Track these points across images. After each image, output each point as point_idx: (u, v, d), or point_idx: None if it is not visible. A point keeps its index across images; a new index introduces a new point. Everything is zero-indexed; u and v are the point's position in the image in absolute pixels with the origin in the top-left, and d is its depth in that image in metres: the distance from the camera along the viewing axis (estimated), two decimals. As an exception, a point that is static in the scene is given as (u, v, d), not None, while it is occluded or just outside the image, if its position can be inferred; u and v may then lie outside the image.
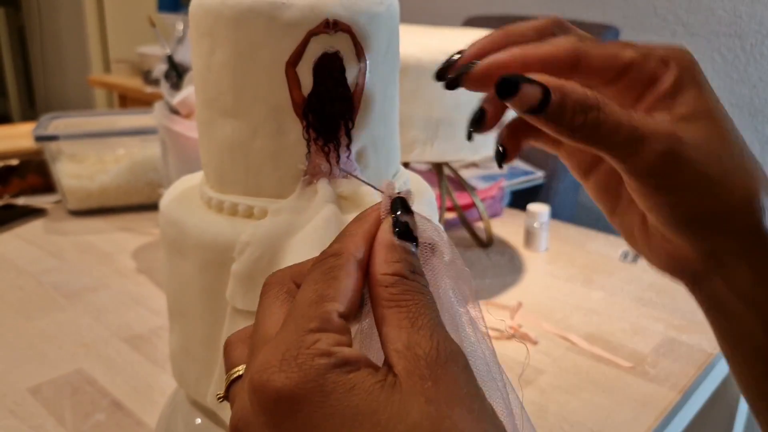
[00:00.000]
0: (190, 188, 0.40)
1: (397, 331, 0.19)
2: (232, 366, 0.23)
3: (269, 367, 0.19)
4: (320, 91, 0.33)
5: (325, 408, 0.18)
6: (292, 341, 0.19)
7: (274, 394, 0.19)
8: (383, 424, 0.18)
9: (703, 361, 0.60)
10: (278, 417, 0.19)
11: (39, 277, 0.74)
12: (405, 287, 0.20)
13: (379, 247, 0.21)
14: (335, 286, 0.20)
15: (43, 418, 0.50)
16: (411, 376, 0.18)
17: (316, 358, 0.19)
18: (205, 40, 0.34)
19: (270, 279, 0.23)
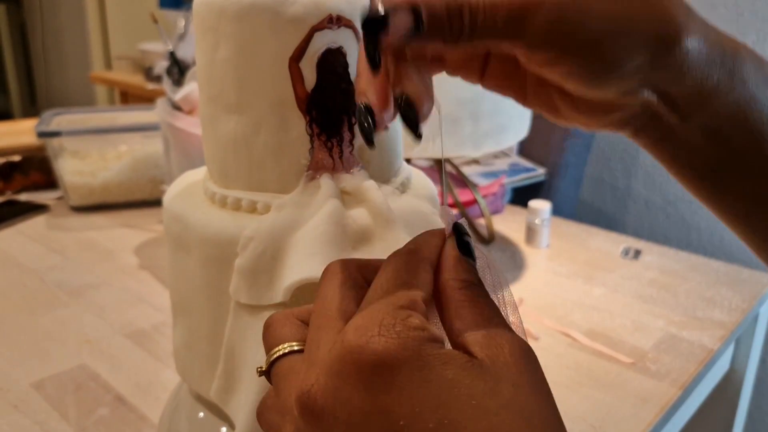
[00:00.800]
0: (194, 184, 0.40)
1: (474, 325, 0.21)
2: (278, 342, 0.23)
3: (367, 332, 0.20)
4: (323, 86, 0.33)
5: (423, 376, 0.19)
6: (387, 313, 0.20)
7: (374, 357, 0.19)
8: (477, 398, 0.19)
9: (703, 358, 0.61)
10: (374, 381, 0.19)
11: (42, 273, 0.74)
12: (475, 292, 0.22)
13: (448, 258, 0.23)
14: (417, 276, 0.22)
15: (46, 413, 0.51)
16: (496, 362, 0.20)
17: (413, 331, 0.20)
18: (208, 35, 0.34)
19: (335, 265, 0.24)
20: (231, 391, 0.36)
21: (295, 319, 0.24)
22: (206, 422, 0.41)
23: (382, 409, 0.19)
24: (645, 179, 1.42)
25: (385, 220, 0.33)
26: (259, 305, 0.34)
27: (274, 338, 0.24)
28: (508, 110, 0.69)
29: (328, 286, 0.23)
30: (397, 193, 0.37)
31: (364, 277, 0.24)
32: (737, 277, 0.77)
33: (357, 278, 0.24)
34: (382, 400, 0.19)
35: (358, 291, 0.23)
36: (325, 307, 0.22)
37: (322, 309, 0.22)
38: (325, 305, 0.22)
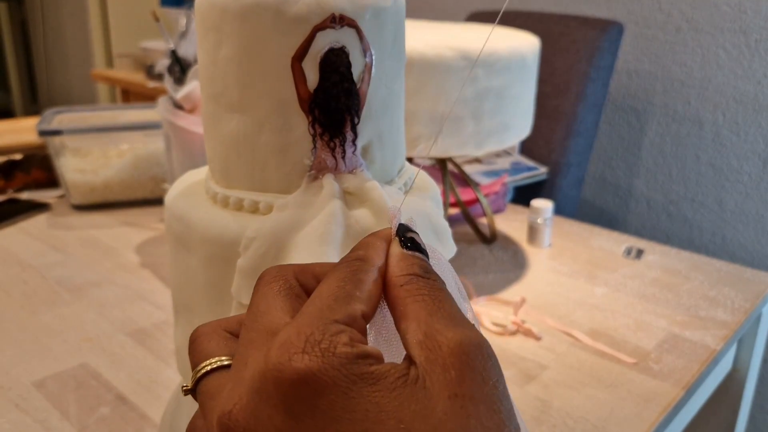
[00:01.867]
0: (196, 183, 0.40)
1: (416, 323, 0.19)
2: (204, 357, 0.21)
3: (291, 348, 0.18)
4: (326, 86, 0.33)
5: (347, 400, 0.17)
6: (317, 327, 0.19)
7: (295, 376, 0.18)
8: (407, 422, 0.17)
9: (706, 357, 0.60)
10: (296, 401, 0.18)
11: (43, 271, 0.74)
12: (420, 284, 0.20)
13: (392, 258, 0.22)
14: (362, 288, 0.21)
15: (47, 411, 0.51)
16: (434, 366, 0.18)
17: (341, 347, 0.18)
18: (211, 34, 0.34)
19: (270, 273, 0.22)
20: (233, 391, 0.36)
21: (223, 331, 0.22)
22: (208, 422, 0.41)
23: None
24: (647, 179, 1.42)
25: (388, 221, 0.33)
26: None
27: (199, 353, 0.22)
28: (510, 109, 0.69)
29: (260, 296, 0.21)
30: (399, 194, 0.37)
31: (302, 285, 0.22)
32: (740, 276, 0.77)
33: (294, 286, 0.22)
34: (305, 425, 0.17)
35: (294, 301, 0.21)
36: (256, 320, 0.20)
37: (253, 322, 0.21)
38: (256, 317, 0.21)
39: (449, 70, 0.63)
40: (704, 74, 1.30)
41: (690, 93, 1.33)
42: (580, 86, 1.19)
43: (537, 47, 0.72)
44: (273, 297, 0.21)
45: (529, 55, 0.69)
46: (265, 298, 0.21)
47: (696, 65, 1.31)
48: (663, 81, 1.36)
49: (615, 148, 1.45)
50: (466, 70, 0.64)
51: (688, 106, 1.34)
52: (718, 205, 1.32)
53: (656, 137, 1.39)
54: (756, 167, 1.26)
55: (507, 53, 0.66)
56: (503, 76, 0.66)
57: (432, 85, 0.63)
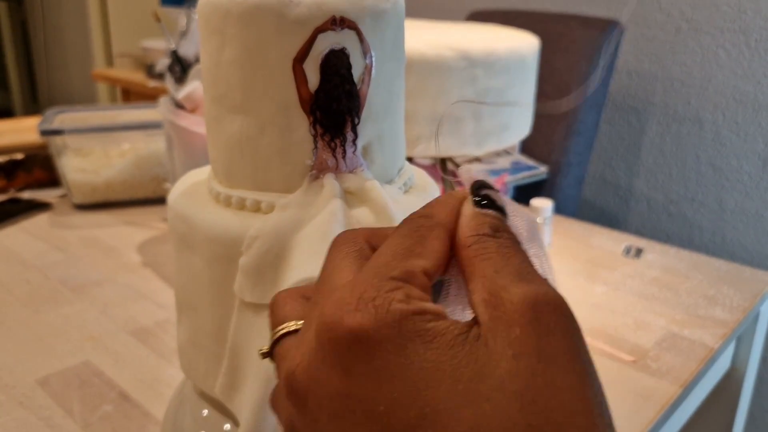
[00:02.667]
0: (198, 183, 0.41)
1: (482, 281, 0.18)
2: (281, 321, 0.21)
3: (344, 306, 0.18)
4: (327, 87, 0.33)
5: (402, 358, 0.17)
6: (371, 284, 0.18)
7: (348, 334, 0.17)
8: (465, 382, 0.16)
9: (704, 356, 0.61)
10: (350, 360, 0.17)
11: (45, 270, 0.75)
12: (488, 243, 0.19)
13: (463, 218, 0.20)
14: (423, 244, 0.20)
15: (51, 409, 0.51)
16: (497, 324, 0.17)
17: (395, 303, 0.17)
18: (214, 37, 0.35)
19: (342, 236, 0.22)
20: (235, 388, 0.36)
21: (299, 296, 0.22)
22: (210, 419, 0.41)
23: (360, 391, 0.17)
24: (647, 178, 1.42)
25: (388, 220, 0.33)
26: (264, 304, 0.34)
27: (276, 318, 0.22)
28: (510, 109, 0.69)
29: (331, 259, 0.21)
30: (399, 193, 0.38)
31: (373, 248, 0.21)
32: (739, 275, 0.77)
33: (363, 249, 0.21)
34: (358, 383, 0.17)
35: (363, 263, 0.20)
36: (326, 281, 0.20)
37: (320, 285, 0.20)
38: (326, 278, 0.20)
39: (449, 70, 0.63)
40: (704, 74, 1.31)
41: (690, 93, 1.33)
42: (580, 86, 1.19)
43: (536, 47, 0.72)
44: (341, 259, 0.21)
45: (528, 56, 0.69)
46: (333, 261, 0.21)
47: (696, 65, 1.31)
48: (663, 81, 1.36)
49: (615, 147, 1.46)
50: (466, 70, 0.64)
51: (688, 105, 1.34)
52: (718, 204, 1.33)
53: (656, 137, 1.39)
54: (756, 167, 1.27)
55: (506, 53, 0.66)
56: (503, 76, 0.66)
57: (432, 86, 0.64)
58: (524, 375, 0.15)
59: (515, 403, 0.15)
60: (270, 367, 0.34)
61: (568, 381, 0.16)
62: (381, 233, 0.22)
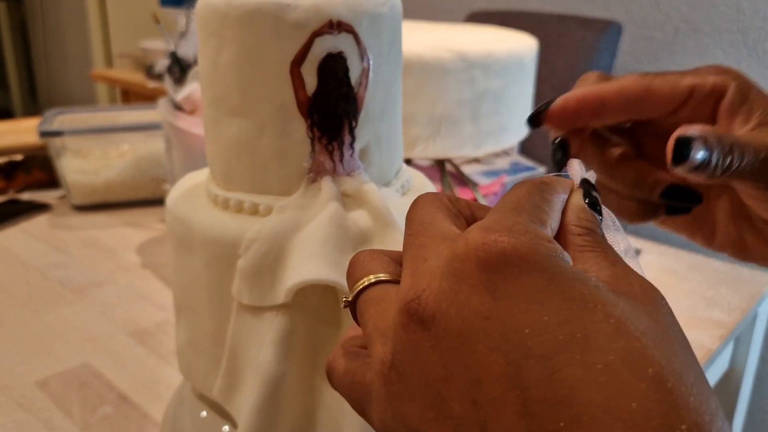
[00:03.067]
0: (196, 185, 0.41)
1: (598, 267, 0.19)
2: (365, 273, 0.21)
3: (495, 232, 0.18)
4: (324, 90, 0.34)
5: (553, 284, 0.17)
6: (517, 222, 0.18)
7: (501, 256, 0.17)
8: (616, 317, 0.16)
9: (702, 357, 0.61)
10: (499, 282, 0.17)
11: (45, 271, 0.75)
12: (597, 239, 0.20)
13: (573, 206, 0.21)
14: (549, 204, 0.20)
15: (50, 411, 0.51)
16: (628, 297, 0.17)
17: (545, 242, 0.18)
18: (211, 40, 0.35)
19: (424, 196, 0.22)
20: (234, 390, 0.37)
21: (384, 255, 0.22)
22: (209, 421, 0.41)
23: (504, 313, 0.17)
24: (645, 178, 1.42)
25: (385, 222, 0.34)
26: (261, 306, 0.34)
27: (361, 270, 0.22)
28: (508, 110, 0.69)
29: (421, 211, 0.21)
30: (397, 195, 0.38)
31: (458, 209, 0.22)
32: (737, 276, 0.77)
33: (451, 207, 0.22)
34: (505, 305, 0.17)
35: (455, 218, 0.21)
36: (426, 229, 0.20)
37: (421, 231, 0.20)
38: (425, 227, 0.20)
39: (447, 72, 0.64)
40: (702, 74, 1.31)
41: (688, 93, 1.33)
42: (578, 86, 1.19)
43: (535, 48, 0.72)
44: (436, 210, 0.21)
45: (526, 57, 0.69)
46: (429, 211, 0.21)
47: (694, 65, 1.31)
48: (661, 81, 1.36)
49: (614, 147, 1.46)
50: (465, 72, 0.64)
51: (686, 106, 1.34)
52: (716, 204, 1.33)
53: (655, 137, 1.39)
54: (754, 167, 1.27)
55: (505, 55, 0.66)
56: (501, 77, 0.66)
57: (430, 87, 0.64)
58: (662, 338, 0.17)
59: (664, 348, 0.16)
60: (269, 368, 0.34)
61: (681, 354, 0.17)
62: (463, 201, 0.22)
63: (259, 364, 0.34)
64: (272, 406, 0.34)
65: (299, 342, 0.35)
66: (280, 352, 0.34)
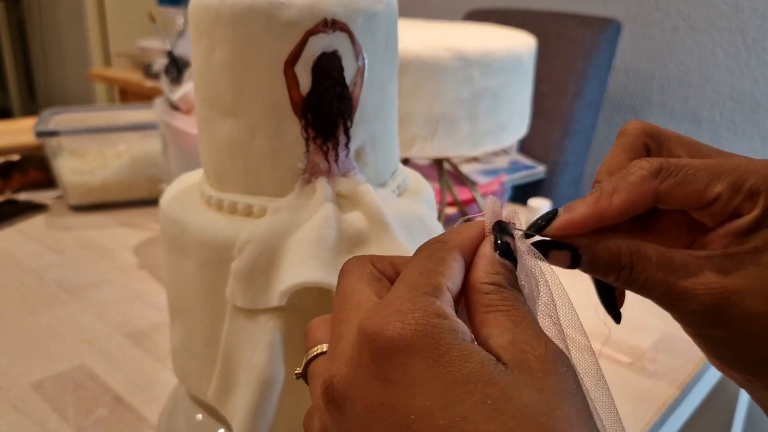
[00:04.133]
0: (190, 186, 0.40)
1: (500, 330, 0.19)
2: (313, 344, 0.23)
3: (385, 317, 0.19)
4: (319, 90, 0.33)
5: (438, 367, 0.18)
6: (407, 298, 0.19)
7: (388, 343, 0.18)
8: (494, 398, 0.17)
9: (702, 357, 0.61)
10: (388, 368, 0.18)
11: (41, 272, 0.74)
12: (504, 295, 0.21)
13: (480, 259, 0.22)
14: (444, 265, 0.21)
15: (46, 413, 0.51)
16: (520, 366, 0.18)
17: (433, 318, 0.19)
18: (204, 39, 0.34)
19: (350, 263, 0.23)
20: (228, 393, 0.36)
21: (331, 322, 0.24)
22: (204, 424, 0.41)
23: (393, 400, 0.18)
24: (645, 176, 1.42)
25: (381, 224, 0.33)
26: (255, 309, 0.34)
27: (309, 341, 0.24)
28: (506, 109, 0.69)
29: (345, 283, 0.23)
30: (393, 196, 0.37)
31: (380, 271, 0.23)
32: (736, 275, 0.77)
33: (373, 271, 0.23)
34: (393, 391, 0.18)
35: (377, 283, 0.22)
36: (346, 303, 0.22)
37: (342, 304, 0.22)
38: (345, 301, 0.22)
39: (445, 70, 0.63)
40: (701, 73, 1.30)
41: (687, 92, 1.33)
42: (577, 85, 1.19)
43: (533, 47, 0.72)
44: (356, 281, 0.22)
45: (524, 55, 0.69)
46: (349, 284, 0.22)
47: (693, 64, 1.31)
48: (660, 80, 1.36)
49: (613, 146, 1.46)
50: (462, 71, 0.64)
51: (685, 104, 1.34)
52: (715, 203, 1.32)
53: (654, 135, 1.39)
54: (753, 165, 1.27)
55: (503, 53, 0.66)
56: (499, 76, 0.66)
57: (428, 86, 0.64)
58: (546, 407, 0.17)
59: (535, 427, 0.17)
60: (263, 371, 0.34)
61: (575, 419, 0.18)
62: (387, 260, 0.24)
63: (253, 367, 0.34)
64: (267, 410, 0.34)
65: (293, 345, 0.34)
66: (275, 355, 0.33)
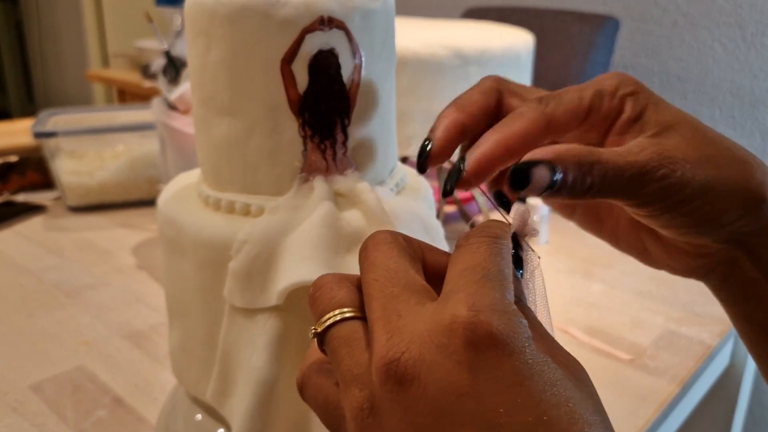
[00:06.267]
0: (188, 186, 0.40)
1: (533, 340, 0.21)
2: (334, 305, 0.22)
3: (482, 312, 0.19)
4: (316, 88, 0.33)
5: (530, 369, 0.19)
6: (496, 298, 0.20)
7: (488, 337, 0.18)
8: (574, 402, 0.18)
9: (702, 354, 0.61)
10: (481, 361, 0.18)
11: (39, 274, 0.74)
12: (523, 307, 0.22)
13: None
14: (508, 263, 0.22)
15: (45, 415, 0.51)
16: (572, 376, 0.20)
17: (520, 323, 0.19)
18: (200, 38, 0.34)
19: (384, 234, 0.23)
20: (227, 393, 0.36)
21: (349, 283, 0.23)
22: (203, 424, 0.41)
23: (482, 392, 0.18)
24: (644, 173, 1.42)
25: (379, 222, 0.33)
26: (253, 308, 0.34)
27: (328, 300, 0.22)
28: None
29: (387, 255, 0.22)
30: (391, 194, 0.37)
31: (412, 250, 0.23)
32: (736, 271, 0.77)
33: (408, 250, 0.23)
34: (484, 384, 0.18)
35: (415, 263, 0.22)
36: (394, 277, 0.21)
37: (389, 278, 0.21)
38: (391, 275, 0.21)
39: (443, 68, 0.63)
40: (701, 69, 1.30)
41: (687, 88, 1.33)
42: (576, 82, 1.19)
43: (531, 44, 0.72)
44: (397, 255, 0.22)
45: (523, 52, 0.69)
46: (391, 255, 0.22)
47: (692, 60, 1.31)
48: (660, 76, 1.36)
49: (612, 143, 1.45)
50: (460, 69, 0.64)
51: (685, 100, 1.33)
52: (715, 199, 1.32)
53: (653, 132, 1.39)
54: (753, 161, 1.27)
55: (501, 51, 0.66)
56: (497, 73, 0.66)
57: (426, 84, 0.63)
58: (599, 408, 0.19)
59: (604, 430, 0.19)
60: (262, 373, 0.33)
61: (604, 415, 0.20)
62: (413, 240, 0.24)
63: (252, 368, 0.33)
64: (266, 410, 0.34)
65: (292, 344, 0.34)
66: (273, 355, 0.33)
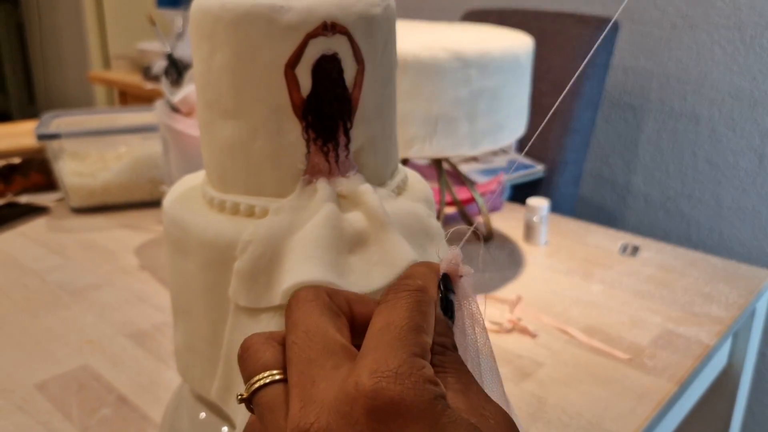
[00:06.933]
0: (192, 188, 0.41)
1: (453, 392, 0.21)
2: (260, 368, 0.22)
3: (383, 378, 0.19)
4: (319, 92, 0.34)
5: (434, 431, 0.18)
6: (402, 359, 0.19)
7: (388, 404, 0.18)
8: None
9: (700, 353, 0.61)
10: (384, 428, 0.18)
11: (43, 274, 0.75)
12: (452, 357, 0.22)
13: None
14: (428, 321, 0.21)
15: (50, 414, 0.51)
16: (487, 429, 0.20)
17: (428, 384, 0.19)
18: (205, 42, 0.35)
19: (306, 292, 0.23)
20: (231, 391, 0.37)
21: (275, 342, 0.23)
22: (207, 422, 0.41)
23: None
24: (644, 175, 1.42)
25: (381, 223, 0.34)
26: (258, 308, 0.34)
27: (254, 363, 0.22)
28: (504, 109, 0.69)
29: (307, 315, 0.22)
30: (393, 196, 0.38)
31: (338, 306, 0.23)
32: (735, 272, 0.77)
33: (332, 306, 0.23)
34: None
35: (337, 320, 0.22)
36: (311, 340, 0.21)
37: (307, 340, 0.21)
38: (309, 337, 0.21)
39: (443, 71, 0.64)
40: (700, 70, 1.31)
41: (686, 89, 1.33)
42: (575, 84, 1.20)
43: (530, 47, 0.72)
44: (319, 316, 0.22)
45: (522, 55, 0.69)
46: (312, 317, 0.22)
47: (692, 61, 1.32)
48: (659, 77, 1.37)
49: (612, 145, 1.46)
50: (460, 71, 0.64)
51: (684, 102, 1.34)
52: (714, 200, 1.33)
53: (653, 134, 1.39)
54: (752, 163, 1.27)
55: (500, 53, 0.66)
56: (497, 76, 0.66)
57: (426, 87, 0.64)
58: None
59: None
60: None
61: None
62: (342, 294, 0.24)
63: (257, 366, 0.34)
64: (270, 408, 0.34)
65: (296, 343, 0.35)
66: (277, 354, 0.34)
